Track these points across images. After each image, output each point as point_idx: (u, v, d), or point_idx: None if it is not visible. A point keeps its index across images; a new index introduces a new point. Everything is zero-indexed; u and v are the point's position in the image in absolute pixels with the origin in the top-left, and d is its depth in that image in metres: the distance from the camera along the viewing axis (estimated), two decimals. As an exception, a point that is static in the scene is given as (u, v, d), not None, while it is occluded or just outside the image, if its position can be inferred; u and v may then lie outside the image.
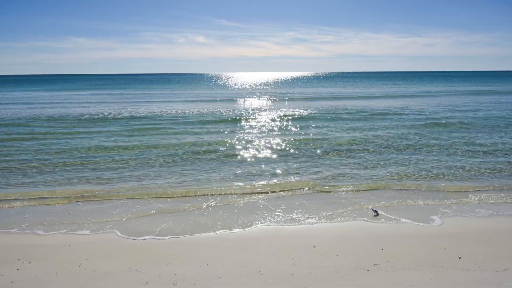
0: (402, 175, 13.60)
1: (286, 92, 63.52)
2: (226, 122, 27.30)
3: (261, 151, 17.75)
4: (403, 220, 9.54)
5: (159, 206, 10.77)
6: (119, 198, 11.48)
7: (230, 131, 23.36)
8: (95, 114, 31.37)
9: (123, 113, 32.49)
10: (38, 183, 13.05)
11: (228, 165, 15.31)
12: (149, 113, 32.44)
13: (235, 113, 32.59)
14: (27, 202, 11.08)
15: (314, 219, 9.72)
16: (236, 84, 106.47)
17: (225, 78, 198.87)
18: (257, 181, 13.15)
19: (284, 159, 16.25)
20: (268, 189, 12.16)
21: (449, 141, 19.49)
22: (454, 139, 20.01)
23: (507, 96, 49.86)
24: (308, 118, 28.65)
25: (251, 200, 11.25)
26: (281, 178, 13.38)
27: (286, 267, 7.06)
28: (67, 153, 17.40)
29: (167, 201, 11.24)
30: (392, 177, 13.39)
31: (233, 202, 11.08)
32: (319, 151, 17.46)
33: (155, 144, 19.23)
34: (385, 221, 9.53)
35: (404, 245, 7.98)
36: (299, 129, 23.94)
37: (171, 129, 24.01)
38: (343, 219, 9.67)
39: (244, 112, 33.65)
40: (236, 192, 11.85)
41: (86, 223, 9.55)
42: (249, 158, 16.40)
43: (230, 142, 19.59)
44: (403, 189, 12.17)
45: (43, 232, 9.02)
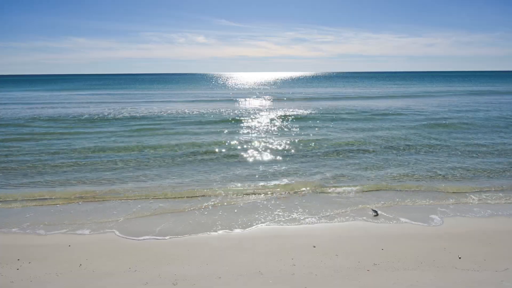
0: (402, 175, 13.60)
1: (286, 92, 63.53)
2: (226, 122, 27.30)
3: (261, 151, 17.76)
4: (403, 220, 9.55)
5: (159, 206, 10.78)
6: (119, 198, 11.48)
7: (230, 131, 23.36)
8: (95, 114, 31.37)
9: (123, 113, 32.50)
10: (38, 183, 13.05)
11: (228, 165, 15.31)
12: (149, 113, 32.45)
13: (235, 113, 32.59)
14: (27, 203, 11.09)
15: (314, 219, 9.72)
16: (236, 84, 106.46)
17: (225, 78, 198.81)
18: (257, 181, 13.15)
19: (284, 159, 16.26)
20: (268, 189, 12.16)
21: (449, 141, 19.50)
22: (454, 139, 20.02)
23: (507, 96, 49.88)
24: (308, 118, 28.65)
25: (251, 200, 11.25)
26: (281, 178, 13.38)
27: (286, 267, 7.06)
28: (67, 153, 17.42)
29: (167, 201, 11.24)
30: (392, 177, 13.39)
31: (233, 202, 11.08)
32: (319, 152, 17.46)
33: (155, 144, 19.24)
34: (385, 221, 9.54)
35: (404, 245, 7.99)
36: (299, 129, 23.94)
37: (171, 129, 24.02)
38: (343, 219, 9.67)
39: (244, 112, 33.65)
40: (236, 192, 11.84)
41: (86, 223, 9.55)
42: (249, 159, 16.40)
43: (230, 143, 19.59)
44: (403, 189, 12.16)
45: (43, 232, 9.02)
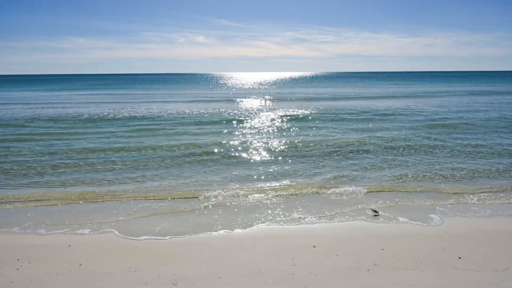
0: (402, 175, 13.60)
1: (286, 92, 63.55)
2: (226, 122, 27.30)
3: (261, 152, 17.76)
4: (403, 220, 9.55)
5: (159, 206, 10.78)
6: (119, 198, 11.48)
7: (230, 132, 23.36)
8: (95, 114, 31.37)
9: (123, 113, 32.50)
10: (38, 183, 13.05)
11: (227, 166, 15.31)
12: (149, 113, 32.45)
13: (235, 113, 32.60)
14: (27, 203, 11.08)
15: (314, 219, 9.72)
16: (236, 84, 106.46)
17: (225, 78, 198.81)
18: (257, 181, 13.16)
19: (284, 159, 16.26)
20: (268, 189, 12.17)
21: (449, 141, 19.50)
22: (454, 139, 20.02)
23: (507, 96, 49.88)
24: (308, 119, 28.66)
25: (250, 200, 11.25)
26: (280, 179, 13.38)
27: (286, 267, 7.06)
28: (67, 153, 17.41)
29: (166, 201, 11.24)
30: (392, 177, 13.39)
31: (233, 202, 11.08)
32: (319, 152, 17.46)
33: (155, 144, 19.24)
34: (385, 221, 9.54)
35: (404, 245, 7.98)
36: (299, 129, 23.94)
37: (171, 129, 24.02)
38: (343, 219, 9.67)
39: (244, 112, 33.66)
40: (236, 193, 11.82)
41: (86, 223, 9.55)
42: (249, 159, 16.40)
43: (230, 143, 19.59)
44: (403, 189, 12.16)
45: (43, 232, 9.02)
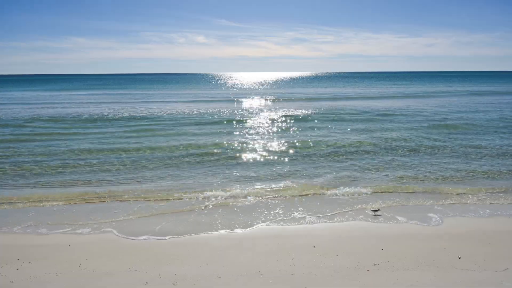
0: (402, 176, 13.60)
1: (286, 92, 63.56)
2: (226, 123, 27.30)
3: (261, 152, 17.76)
4: (403, 220, 9.55)
5: (159, 206, 10.78)
6: (120, 199, 11.48)
7: (230, 132, 23.36)
8: (95, 115, 31.37)
9: (122, 113, 32.50)
10: (38, 184, 13.05)
11: (227, 166, 15.31)
12: (149, 113, 32.45)
13: (235, 113, 32.60)
14: (27, 203, 11.09)
15: (314, 219, 9.72)
16: (236, 84, 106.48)
17: (225, 78, 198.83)
18: (257, 182, 13.15)
19: (284, 160, 16.26)
20: (268, 189, 12.16)
21: (449, 142, 19.51)
22: (454, 140, 20.02)
23: (507, 96, 49.90)
24: (308, 119, 28.66)
25: (251, 200, 11.25)
26: (280, 179, 13.38)
27: (286, 267, 7.05)
28: (66, 154, 17.42)
29: (166, 201, 11.24)
30: (392, 178, 13.40)
31: (233, 202, 11.08)
32: (319, 153, 17.46)
33: (155, 145, 19.24)
34: (385, 221, 9.54)
35: (404, 245, 7.98)
36: (299, 130, 23.95)
37: (170, 130, 24.02)
38: (343, 219, 9.67)
39: (244, 112, 33.66)
40: (236, 193, 11.82)
41: (86, 224, 9.55)
42: (249, 160, 16.40)
43: (230, 144, 19.59)
44: (403, 190, 12.17)
45: (43, 232, 9.02)
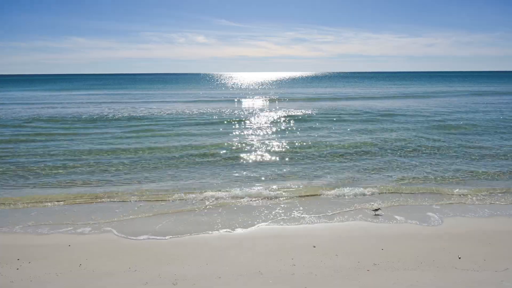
0: (402, 176, 13.60)
1: (286, 92, 63.57)
2: (226, 123, 27.30)
3: (261, 153, 17.76)
4: (403, 220, 9.55)
5: (159, 206, 10.78)
6: (119, 199, 11.48)
7: (230, 132, 23.37)
8: (95, 115, 31.37)
9: (122, 113, 32.50)
10: (38, 184, 13.06)
11: (228, 167, 15.31)
12: (149, 113, 32.45)
13: (235, 113, 32.60)
14: (27, 203, 11.08)
15: (314, 219, 9.72)
16: (236, 84, 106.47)
17: (225, 78, 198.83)
18: (257, 182, 13.16)
19: (284, 161, 16.26)
20: (268, 190, 12.15)
21: (450, 142, 19.50)
22: (454, 140, 20.01)
23: (507, 96, 49.90)
24: (308, 119, 28.66)
25: (251, 200, 11.25)
26: (281, 180, 13.38)
27: (286, 267, 7.05)
28: (66, 154, 17.42)
29: (166, 201, 11.24)
30: (392, 178, 13.40)
31: (233, 202, 11.08)
32: (319, 153, 17.45)
33: (155, 145, 19.23)
34: (385, 221, 9.54)
35: (404, 245, 7.98)
36: (300, 130, 23.95)
37: (170, 130, 24.01)
38: (343, 219, 9.67)
39: (244, 112, 33.67)
40: (236, 193, 11.82)
41: (86, 224, 9.55)
42: (249, 160, 16.40)
43: (230, 144, 19.59)
44: (403, 190, 12.16)
45: (43, 232, 9.02)
